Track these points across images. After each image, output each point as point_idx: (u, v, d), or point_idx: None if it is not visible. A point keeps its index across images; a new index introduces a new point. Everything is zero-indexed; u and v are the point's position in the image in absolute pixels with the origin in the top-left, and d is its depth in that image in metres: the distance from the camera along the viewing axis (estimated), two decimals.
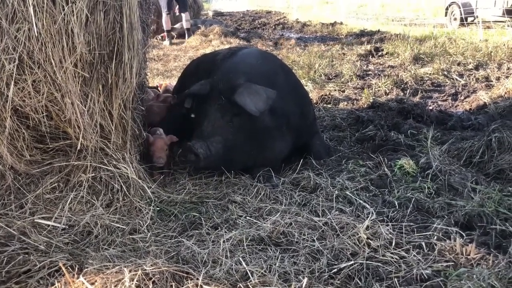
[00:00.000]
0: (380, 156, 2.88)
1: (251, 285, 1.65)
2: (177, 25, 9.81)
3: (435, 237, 1.95)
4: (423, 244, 1.91)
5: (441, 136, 3.27)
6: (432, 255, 1.83)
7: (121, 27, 2.25)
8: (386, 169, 2.67)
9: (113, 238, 2.05)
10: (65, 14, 2.09)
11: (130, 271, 1.61)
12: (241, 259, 1.82)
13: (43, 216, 2.12)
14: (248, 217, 2.21)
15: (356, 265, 1.78)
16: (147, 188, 2.38)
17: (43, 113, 2.20)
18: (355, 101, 4.47)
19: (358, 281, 1.72)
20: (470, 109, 4.06)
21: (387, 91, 4.74)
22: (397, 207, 2.26)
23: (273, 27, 12.42)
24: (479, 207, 2.18)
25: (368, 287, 1.70)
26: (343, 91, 4.89)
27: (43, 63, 2.11)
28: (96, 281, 1.59)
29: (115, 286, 1.56)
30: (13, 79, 2.07)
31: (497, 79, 4.92)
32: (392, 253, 1.85)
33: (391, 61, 6.41)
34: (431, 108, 4.19)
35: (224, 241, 1.95)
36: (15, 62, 2.05)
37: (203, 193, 2.51)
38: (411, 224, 2.09)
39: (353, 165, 2.79)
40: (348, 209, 2.25)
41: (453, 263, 1.77)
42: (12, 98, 2.09)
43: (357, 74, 5.58)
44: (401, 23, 11.48)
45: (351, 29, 10.70)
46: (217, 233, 2.06)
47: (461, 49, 6.51)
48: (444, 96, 4.60)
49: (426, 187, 2.44)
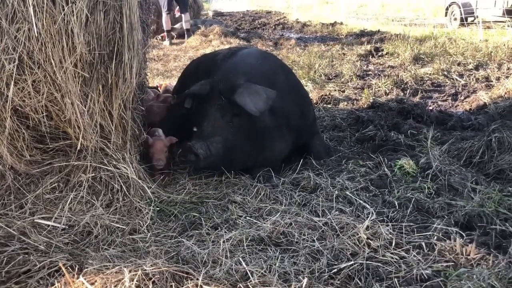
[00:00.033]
0: (380, 156, 2.88)
1: (251, 285, 1.65)
2: (177, 25, 9.81)
3: (435, 237, 1.95)
4: (423, 244, 1.91)
5: (441, 136, 3.27)
6: (432, 255, 1.83)
7: (121, 27, 2.25)
8: (386, 169, 2.67)
9: (113, 238, 2.05)
10: (65, 14, 2.09)
11: (130, 271, 1.60)
12: (241, 259, 1.82)
13: (43, 216, 2.12)
14: (248, 217, 2.21)
15: (356, 265, 1.78)
16: (147, 188, 2.38)
17: (43, 113, 2.20)
18: (355, 101, 4.47)
19: (358, 281, 1.72)
20: (470, 109, 4.06)
21: (387, 91, 4.74)
22: (397, 207, 2.26)
23: (273, 27, 12.42)
24: (479, 207, 2.18)
25: (368, 287, 1.70)
26: (343, 91, 4.89)
27: (43, 63, 2.11)
28: (96, 281, 1.59)
29: (115, 286, 1.56)
30: (13, 79, 2.08)
31: (497, 79, 4.92)
32: (392, 253, 1.85)
33: (391, 61, 6.41)
34: (431, 108, 4.19)
35: (224, 241, 1.95)
36: (15, 62, 2.05)
37: (203, 193, 2.51)
38: (411, 224, 2.09)
39: (353, 165, 2.79)
40: (348, 209, 2.25)
41: (453, 263, 1.77)
42: (12, 98, 2.09)
43: (357, 74, 5.58)
44: (401, 23, 11.48)
45: (351, 29, 10.70)
46: (217, 233, 2.06)
47: (461, 49, 6.51)
48: (444, 96, 4.60)
49: (426, 187, 2.44)
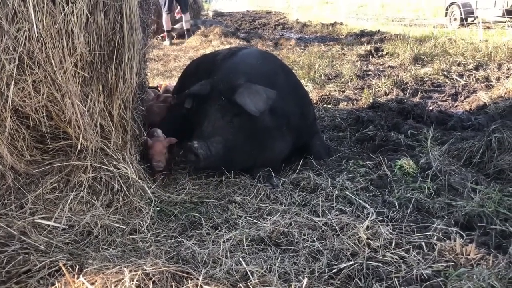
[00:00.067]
0: (380, 156, 2.88)
1: (251, 285, 1.65)
2: (177, 25, 9.81)
3: (435, 237, 1.95)
4: (423, 244, 1.91)
5: (441, 136, 3.28)
6: (432, 255, 1.83)
7: (121, 27, 2.25)
8: (386, 169, 2.67)
9: (113, 238, 2.05)
10: (65, 14, 2.09)
11: (130, 271, 1.61)
12: (241, 259, 1.82)
13: (43, 216, 2.12)
14: (248, 217, 2.21)
15: (356, 265, 1.78)
16: (147, 188, 2.38)
17: (43, 113, 2.21)
18: (355, 101, 4.47)
19: (358, 281, 1.72)
20: (470, 109, 4.06)
21: (387, 91, 4.74)
22: (397, 207, 2.26)
23: (273, 28, 12.42)
24: (479, 207, 2.19)
25: (368, 287, 1.70)
26: (343, 91, 4.89)
27: (43, 63, 2.11)
28: (96, 281, 1.59)
29: (115, 286, 1.56)
30: (13, 79, 2.08)
31: (497, 79, 4.92)
32: (392, 253, 1.85)
33: (391, 61, 6.41)
34: (431, 108, 4.19)
35: (224, 241, 1.95)
36: (15, 62, 2.05)
37: (203, 193, 2.51)
38: (411, 224, 2.09)
39: (353, 165, 2.80)
40: (348, 209, 2.25)
41: (453, 263, 1.77)
42: (12, 98, 2.09)
43: (357, 74, 5.58)
44: (401, 23, 11.48)
45: (351, 29, 10.70)
46: (217, 233, 2.06)
47: (461, 49, 6.51)
48: (444, 96, 4.60)
49: (426, 187, 2.44)
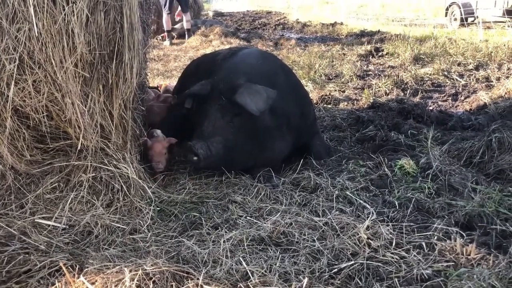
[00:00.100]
0: (380, 156, 2.88)
1: (251, 285, 1.65)
2: (177, 25, 9.82)
3: (436, 237, 1.95)
4: (424, 244, 1.91)
5: (441, 136, 3.28)
6: (432, 255, 1.83)
7: (122, 27, 2.25)
8: (386, 169, 2.67)
9: (114, 238, 2.05)
10: (65, 14, 2.09)
11: (130, 271, 1.61)
12: (241, 259, 1.82)
13: (43, 216, 2.12)
14: (248, 217, 2.21)
15: (356, 265, 1.78)
16: (147, 188, 2.38)
17: (43, 113, 2.21)
18: (355, 101, 4.47)
19: (358, 281, 1.72)
20: (470, 109, 4.06)
21: (387, 91, 4.74)
22: (397, 207, 2.26)
23: (274, 28, 12.42)
24: (479, 207, 2.19)
25: (368, 287, 1.70)
26: (343, 91, 4.89)
27: (43, 63, 2.11)
28: (96, 281, 1.59)
29: (116, 286, 1.56)
30: (14, 79, 2.08)
31: (497, 79, 4.92)
32: (392, 253, 1.85)
33: (391, 61, 6.41)
34: (431, 108, 4.19)
35: (224, 241, 1.95)
36: (15, 62, 2.05)
37: (204, 193, 2.51)
38: (412, 224, 2.09)
39: (354, 165, 2.79)
40: (348, 209, 2.25)
41: (453, 263, 1.77)
42: (12, 98, 2.09)
43: (357, 74, 5.58)
44: (401, 23, 11.48)
45: (351, 29, 10.70)
46: (217, 233, 2.06)
47: (461, 49, 6.51)
48: (444, 96, 4.60)
49: (426, 187, 2.44)
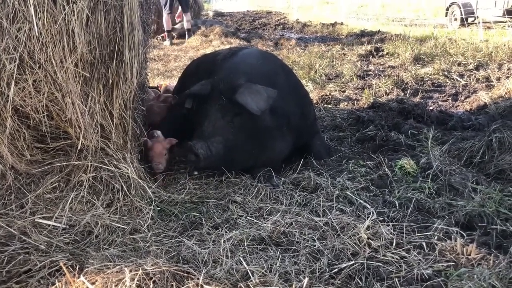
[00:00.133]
0: (380, 156, 2.88)
1: (251, 285, 1.65)
2: (177, 25, 9.82)
3: (436, 237, 1.95)
4: (424, 244, 1.91)
5: (442, 136, 3.27)
6: (432, 255, 1.83)
7: (122, 27, 2.25)
8: (386, 169, 2.67)
9: (114, 238, 2.05)
10: (65, 14, 2.09)
11: (130, 271, 1.60)
12: (241, 259, 1.82)
13: (43, 216, 2.12)
14: (248, 217, 2.21)
15: (356, 265, 1.78)
16: (147, 188, 2.38)
17: (43, 113, 2.20)
18: (356, 101, 4.47)
19: (358, 281, 1.72)
20: (470, 109, 4.07)
21: (388, 91, 4.74)
22: (397, 207, 2.26)
23: (274, 28, 12.42)
24: (479, 207, 2.18)
25: (368, 287, 1.70)
26: (344, 91, 4.89)
27: (43, 63, 2.11)
28: (96, 281, 1.59)
29: (116, 285, 1.56)
30: (14, 79, 2.07)
31: (498, 79, 4.92)
32: (392, 253, 1.85)
33: (391, 61, 6.41)
34: (431, 108, 4.19)
35: (224, 241, 1.95)
36: (15, 62, 2.05)
37: (204, 193, 2.51)
38: (412, 224, 2.09)
39: (354, 165, 2.79)
40: (348, 209, 2.25)
41: (453, 263, 1.77)
42: (12, 98, 2.09)
43: (358, 74, 5.58)
44: (401, 23, 11.48)
45: (351, 29, 10.70)
46: (217, 233, 2.06)
47: (461, 49, 6.51)
48: (444, 96, 4.60)
49: (426, 187, 2.44)
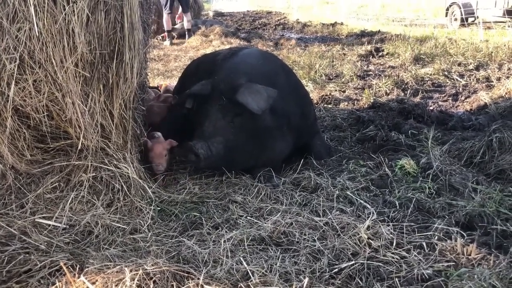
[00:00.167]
0: (380, 156, 2.88)
1: (252, 285, 1.65)
2: (177, 25, 9.81)
3: (436, 237, 1.95)
4: (424, 244, 1.91)
5: (442, 136, 3.28)
6: (433, 255, 1.83)
7: (122, 27, 2.25)
8: (386, 169, 2.66)
9: (114, 237, 2.05)
10: (66, 13, 2.09)
11: (131, 271, 1.60)
12: (242, 259, 1.82)
13: (43, 215, 2.12)
14: (248, 217, 2.21)
15: (357, 265, 1.78)
16: (147, 188, 2.38)
17: (44, 113, 2.20)
18: (356, 101, 4.47)
19: (359, 281, 1.72)
20: (470, 109, 4.07)
21: (388, 92, 4.74)
22: (398, 207, 2.26)
23: (274, 28, 12.43)
24: (480, 207, 2.18)
25: (369, 287, 1.69)
26: (344, 91, 4.89)
27: (44, 62, 2.11)
28: (97, 281, 1.58)
29: (116, 285, 1.56)
30: (14, 78, 2.07)
31: (498, 79, 4.92)
32: (393, 253, 1.85)
33: (391, 61, 6.41)
34: (431, 108, 4.19)
35: (225, 241, 1.95)
36: (16, 61, 2.05)
37: (204, 193, 2.51)
38: (412, 224, 2.09)
39: (354, 165, 2.79)
40: (349, 209, 2.25)
41: (454, 263, 1.77)
42: (13, 97, 2.09)
43: (358, 74, 5.58)
44: (401, 23, 11.48)
45: (351, 29, 10.70)
46: (218, 233, 2.06)
47: (461, 49, 6.51)
48: (444, 96, 4.60)
49: (427, 187, 2.44)
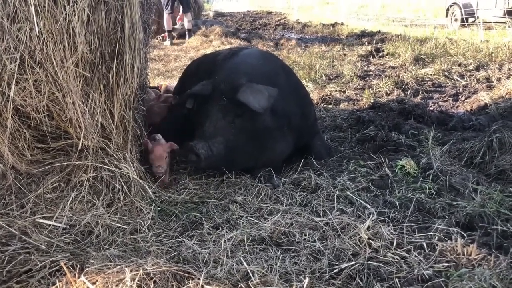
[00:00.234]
0: (381, 156, 2.88)
1: (252, 285, 1.65)
2: (178, 25, 9.81)
3: (436, 238, 1.95)
4: (424, 244, 1.91)
5: (442, 136, 3.28)
6: (433, 255, 1.83)
7: (123, 27, 2.25)
8: (387, 170, 2.66)
9: (114, 238, 2.05)
10: (66, 13, 2.09)
11: (131, 271, 1.60)
12: (242, 259, 1.82)
13: (44, 215, 2.12)
14: (249, 217, 2.21)
15: (357, 265, 1.78)
16: (148, 188, 2.38)
17: (44, 113, 2.20)
18: (356, 102, 4.47)
19: (359, 281, 1.72)
20: (471, 109, 4.06)
21: (388, 92, 4.74)
22: (398, 208, 2.26)
23: (274, 28, 12.43)
24: (480, 208, 2.18)
25: (369, 287, 1.69)
26: (344, 92, 4.89)
27: (44, 62, 2.11)
28: (97, 281, 1.59)
29: (116, 285, 1.56)
30: (15, 78, 2.07)
31: (498, 80, 4.92)
32: (393, 254, 1.85)
33: (392, 61, 6.41)
34: (432, 108, 4.19)
35: (225, 241, 1.95)
36: (16, 61, 2.05)
37: (204, 193, 2.51)
38: (412, 224, 2.09)
39: (354, 166, 2.79)
40: (349, 210, 2.25)
41: (454, 264, 1.77)
42: (13, 97, 2.09)
43: (358, 74, 5.58)
44: (401, 23, 11.48)
45: (351, 29, 10.71)
46: (218, 233, 2.06)
47: (462, 50, 6.51)
48: (445, 96, 4.60)
49: (427, 187, 2.44)
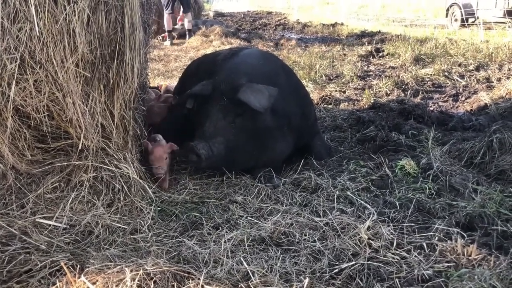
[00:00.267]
0: (381, 156, 2.88)
1: (252, 285, 1.65)
2: (178, 25, 9.81)
3: (436, 238, 1.95)
4: (424, 244, 1.91)
5: (442, 137, 3.28)
6: (433, 255, 1.83)
7: (123, 27, 2.25)
8: (387, 170, 2.66)
9: (114, 238, 2.05)
10: (66, 14, 2.09)
11: (131, 271, 1.61)
12: (242, 259, 1.82)
13: (44, 215, 2.12)
14: (249, 217, 2.21)
15: (357, 265, 1.78)
16: (148, 188, 2.38)
17: (44, 113, 2.20)
18: (356, 102, 4.47)
19: (359, 281, 1.72)
20: (471, 110, 4.07)
21: (388, 92, 4.74)
22: (398, 208, 2.26)
23: (274, 28, 12.44)
24: (480, 208, 2.19)
25: (369, 287, 1.70)
26: (344, 92, 4.89)
27: (44, 62, 2.11)
28: (97, 281, 1.59)
29: (117, 285, 1.56)
30: (15, 78, 2.07)
31: (498, 80, 4.92)
32: (393, 254, 1.85)
33: (392, 61, 6.42)
34: (432, 109, 4.19)
35: (225, 241, 1.95)
36: (16, 61, 2.05)
37: (204, 193, 2.51)
38: (412, 224, 2.09)
39: (354, 166, 2.79)
40: (349, 210, 2.25)
41: (454, 264, 1.77)
42: (13, 97, 2.09)
43: (358, 74, 5.59)
44: (401, 24, 11.48)
45: (351, 29, 10.71)
46: (218, 233, 2.06)
47: (462, 50, 6.52)
48: (445, 97, 4.60)
49: (427, 187, 2.44)
